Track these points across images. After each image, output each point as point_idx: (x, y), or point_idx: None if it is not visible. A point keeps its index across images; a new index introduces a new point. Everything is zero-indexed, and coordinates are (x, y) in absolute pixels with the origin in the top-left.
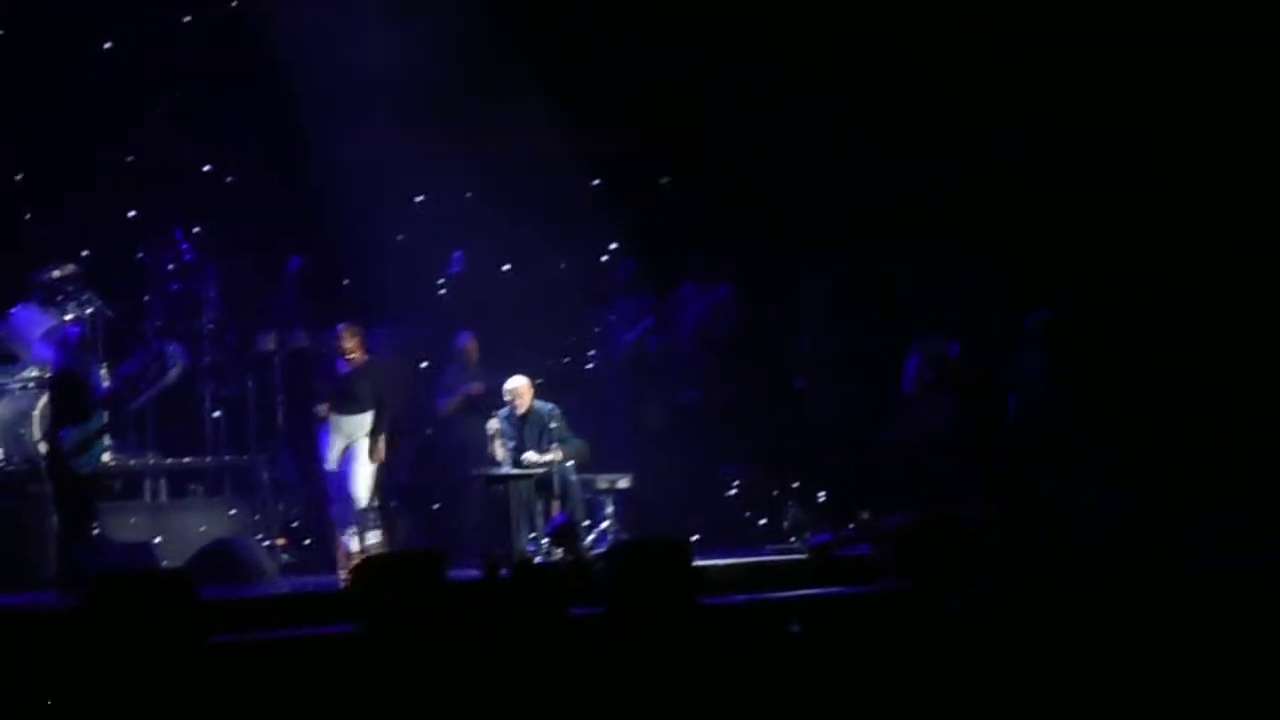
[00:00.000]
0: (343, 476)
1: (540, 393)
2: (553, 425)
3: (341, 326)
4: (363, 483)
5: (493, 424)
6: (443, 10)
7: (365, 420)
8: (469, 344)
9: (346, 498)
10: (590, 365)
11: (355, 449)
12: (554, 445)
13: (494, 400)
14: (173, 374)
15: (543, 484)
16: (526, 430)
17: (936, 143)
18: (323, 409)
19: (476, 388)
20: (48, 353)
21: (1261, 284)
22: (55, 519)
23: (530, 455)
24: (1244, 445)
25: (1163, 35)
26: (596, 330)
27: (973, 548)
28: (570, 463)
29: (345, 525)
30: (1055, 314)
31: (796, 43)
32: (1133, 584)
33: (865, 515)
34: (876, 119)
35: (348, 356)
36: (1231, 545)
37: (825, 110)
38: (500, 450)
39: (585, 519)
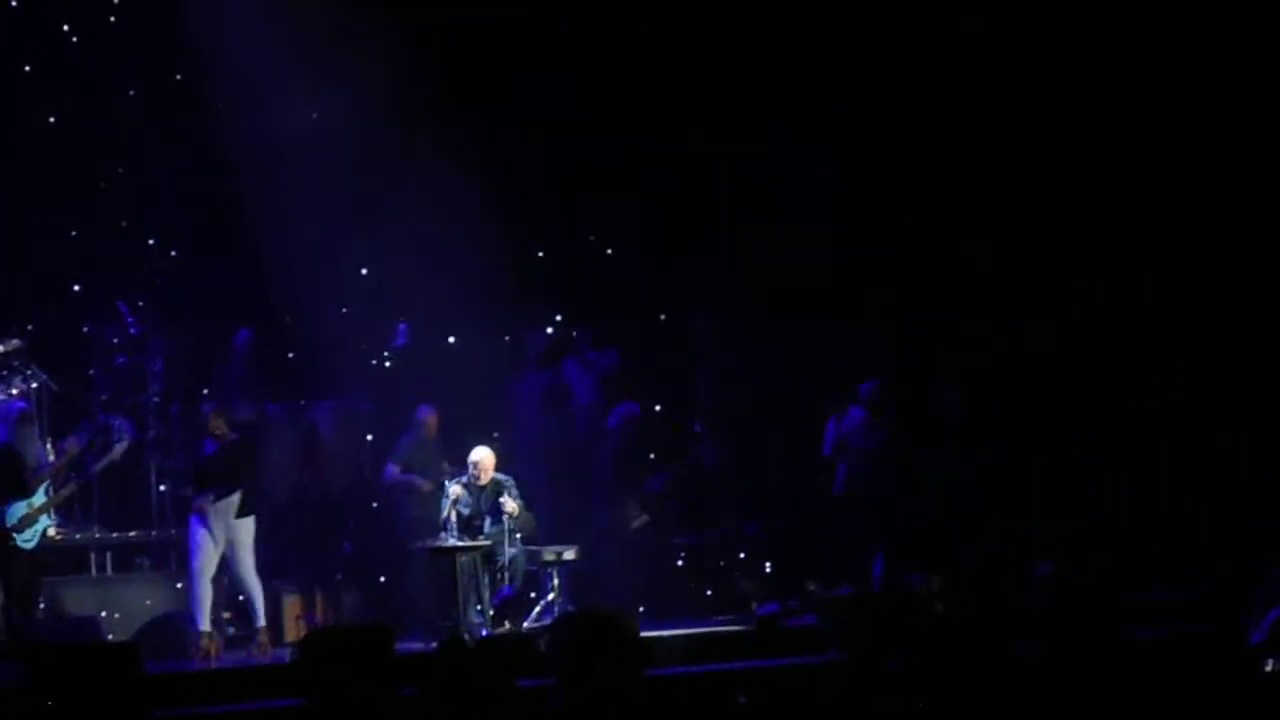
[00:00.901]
0: (228, 560)
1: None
2: (509, 497)
3: (209, 407)
4: (245, 565)
5: (455, 489)
6: (378, 85)
7: (235, 500)
8: (429, 416)
9: (235, 577)
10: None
11: (234, 529)
12: (512, 507)
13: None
14: (119, 449)
15: (489, 557)
16: (483, 500)
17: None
18: (195, 493)
19: (425, 486)
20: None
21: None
22: (0, 594)
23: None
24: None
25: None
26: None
27: (916, 618)
28: (518, 535)
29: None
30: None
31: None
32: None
33: (812, 586)
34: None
35: (215, 435)
36: (1158, 616)
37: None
38: (453, 515)
39: (531, 592)
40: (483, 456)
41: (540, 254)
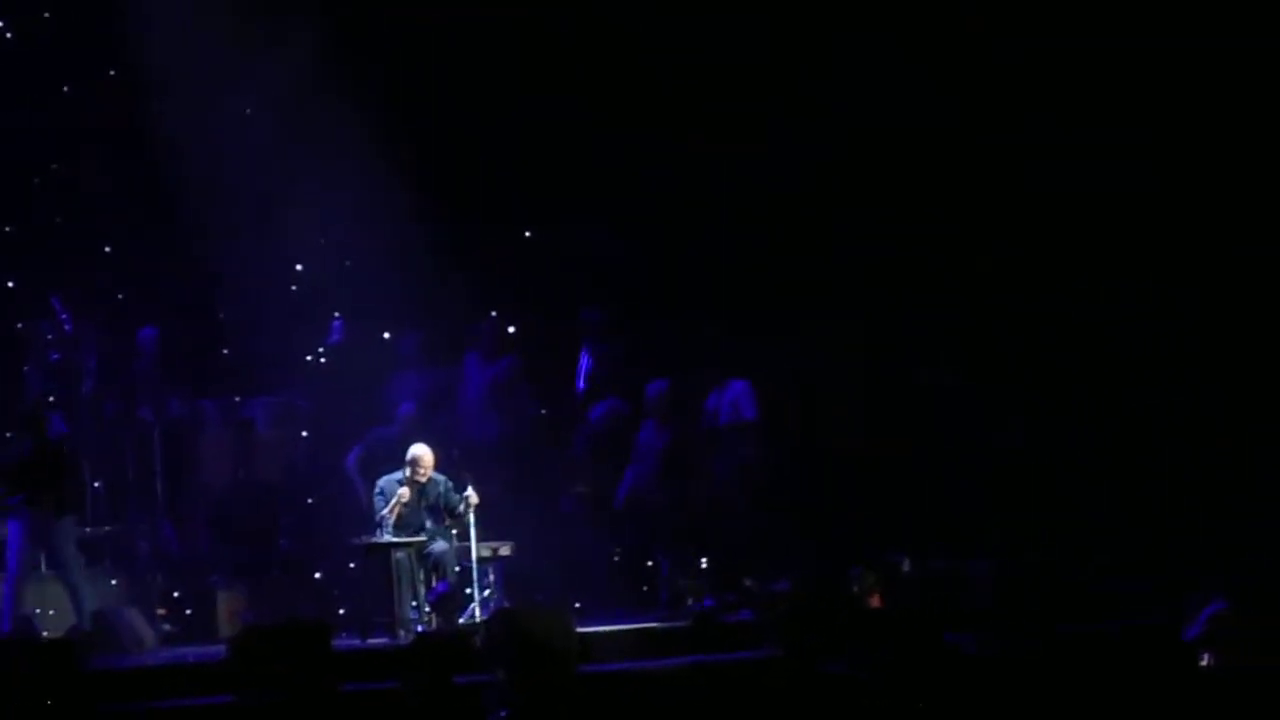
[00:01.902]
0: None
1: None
2: (448, 496)
3: (27, 405)
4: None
5: (404, 491)
6: (312, 77)
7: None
8: (413, 413)
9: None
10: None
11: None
12: (462, 501)
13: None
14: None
15: (423, 553)
16: (422, 499)
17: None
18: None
19: (403, 494)
20: None
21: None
22: None
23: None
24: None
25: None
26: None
27: (853, 615)
28: (453, 532)
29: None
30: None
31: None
32: (1014, 649)
33: (748, 582)
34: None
35: (35, 433)
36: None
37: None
38: (395, 515)
39: (466, 588)
40: (423, 454)
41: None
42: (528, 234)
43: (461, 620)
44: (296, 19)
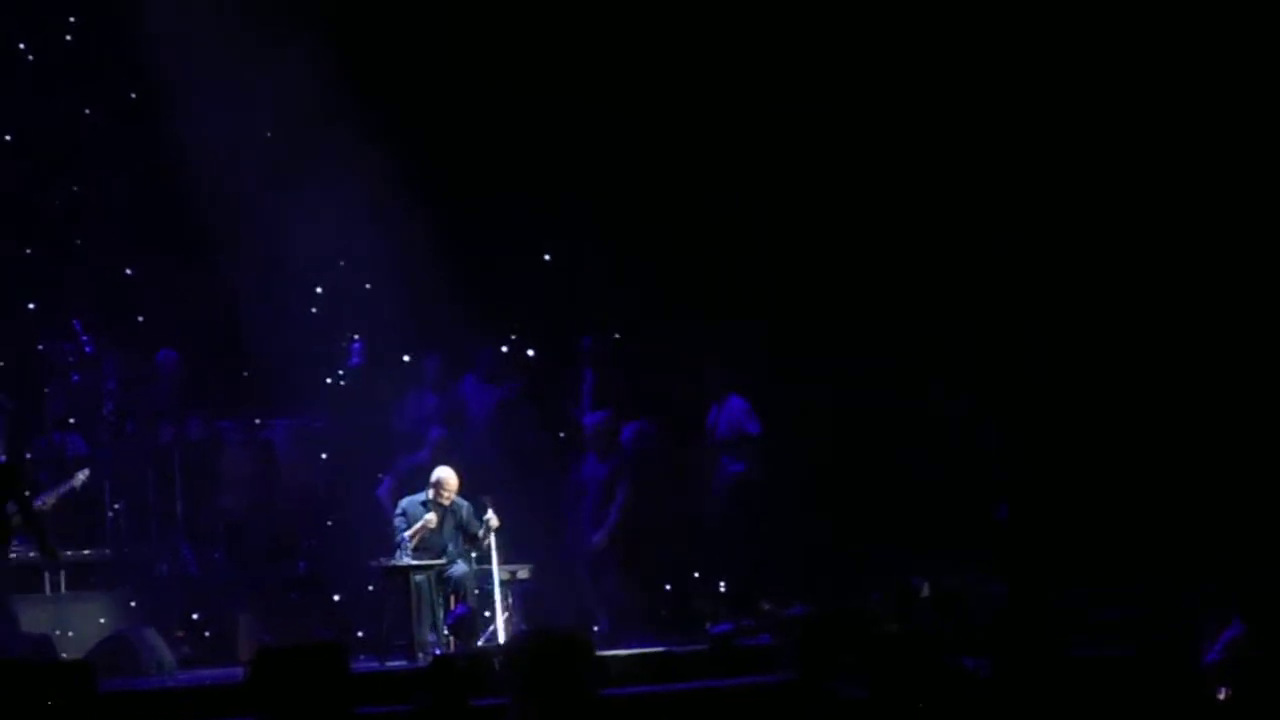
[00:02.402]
0: None
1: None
2: (470, 520)
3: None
4: None
5: (431, 517)
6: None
7: None
8: (444, 437)
9: None
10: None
11: None
12: (482, 525)
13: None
14: (80, 478)
15: (442, 576)
16: (445, 522)
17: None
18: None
19: (430, 520)
20: None
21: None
22: None
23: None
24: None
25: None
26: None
27: (869, 639)
28: (474, 555)
29: None
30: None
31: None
32: (1024, 671)
33: (766, 605)
34: None
35: None
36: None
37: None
38: (417, 539)
39: (485, 611)
40: (446, 476)
41: (491, 270)
42: (547, 257)
43: (481, 643)
44: (313, 40)
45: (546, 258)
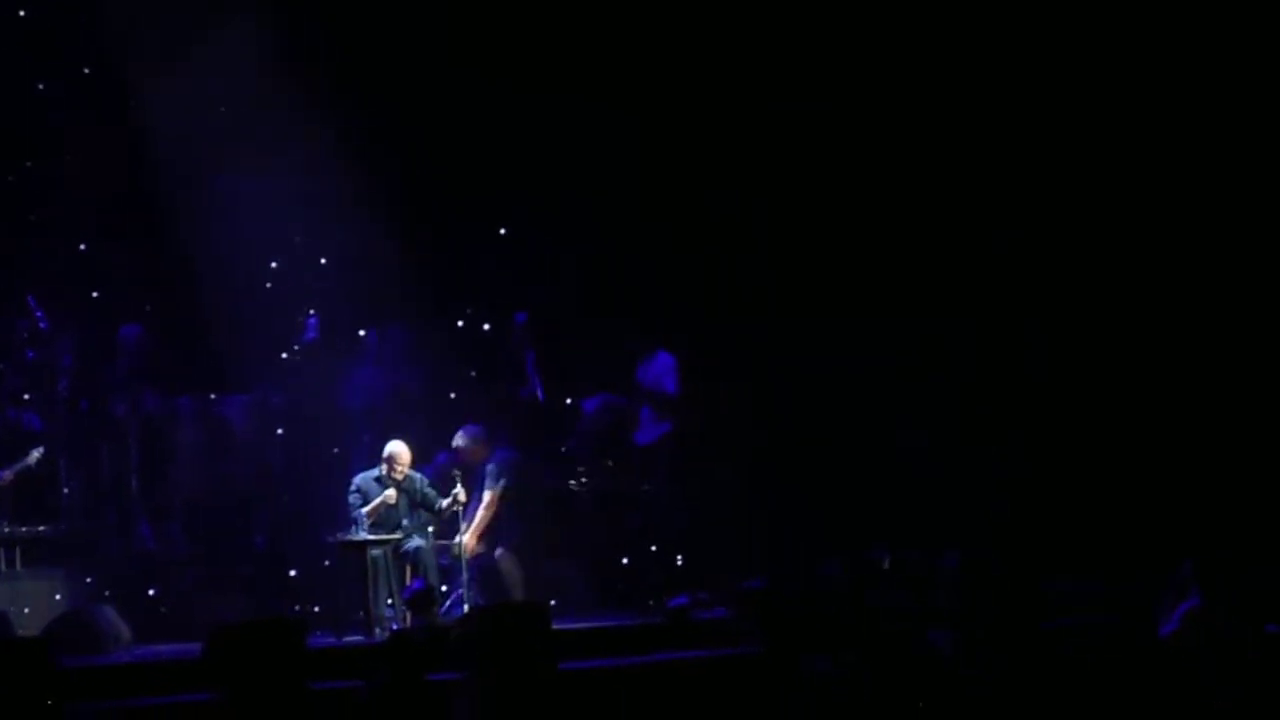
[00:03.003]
0: None
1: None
2: (425, 492)
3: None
4: None
5: (390, 494)
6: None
7: None
8: (467, 443)
9: None
10: None
11: None
12: (440, 499)
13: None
14: (34, 456)
15: (399, 550)
16: (400, 497)
17: None
18: None
19: (389, 496)
20: None
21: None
22: None
23: (444, 502)
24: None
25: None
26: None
27: (829, 611)
28: (430, 529)
29: None
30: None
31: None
32: (995, 644)
33: (722, 578)
34: None
35: None
36: (1075, 604)
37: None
38: (373, 516)
39: (442, 585)
40: (399, 450)
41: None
42: (502, 231)
43: (443, 616)
44: (272, 16)
45: (501, 231)
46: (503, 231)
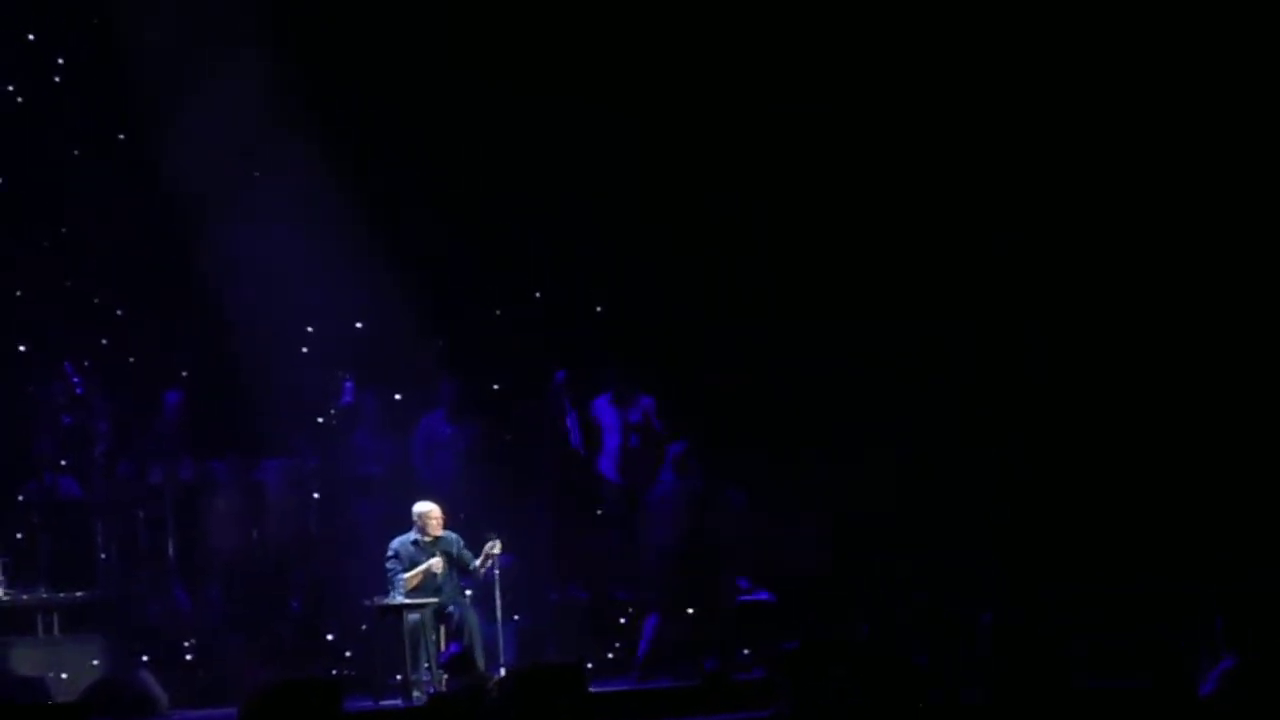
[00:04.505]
0: None
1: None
2: (461, 554)
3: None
4: None
5: (436, 561)
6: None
7: None
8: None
9: None
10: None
11: None
12: (479, 558)
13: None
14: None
15: (441, 614)
16: (431, 556)
17: None
18: None
19: (436, 564)
20: None
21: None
22: None
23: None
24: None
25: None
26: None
27: (863, 673)
28: (468, 592)
29: None
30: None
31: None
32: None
33: (757, 640)
34: None
35: None
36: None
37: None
38: (418, 579)
39: (481, 649)
40: (429, 509)
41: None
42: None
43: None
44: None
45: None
46: (538, 295)
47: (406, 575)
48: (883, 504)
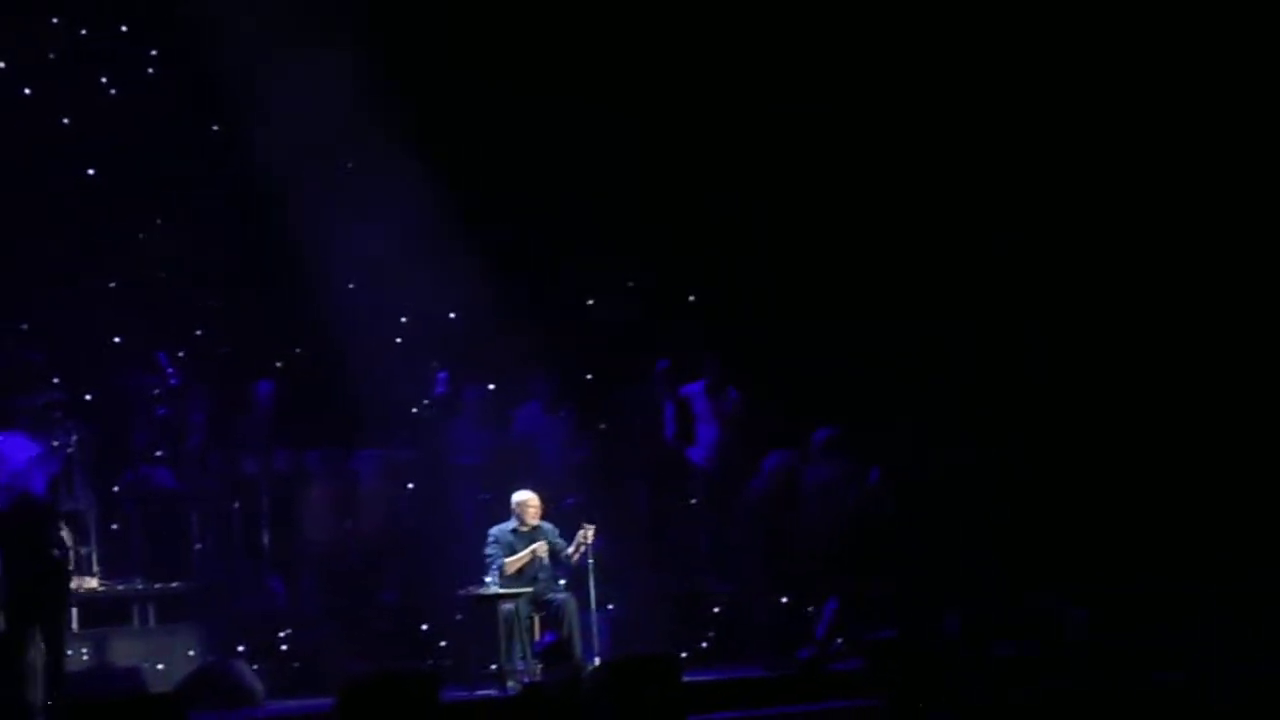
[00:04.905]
0: None
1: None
2: (556, 542)
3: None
4: None
5: (540, 546)
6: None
7: None
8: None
9: None
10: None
11: None
12: (570, 546)
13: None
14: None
15: (537, 602)
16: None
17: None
18: None
19: (540, 548)
20: (36, 482)
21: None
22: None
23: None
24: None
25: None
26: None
27: (952, 663)
28: (562, 581)
29: None
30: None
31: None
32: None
33: (852, 628)
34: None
35: None
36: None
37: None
38: (524, 560)
39: (579, 638)
40: (529, 497)
41: (590, 302)
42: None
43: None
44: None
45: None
46: (631, 284)
47: (509, 559)
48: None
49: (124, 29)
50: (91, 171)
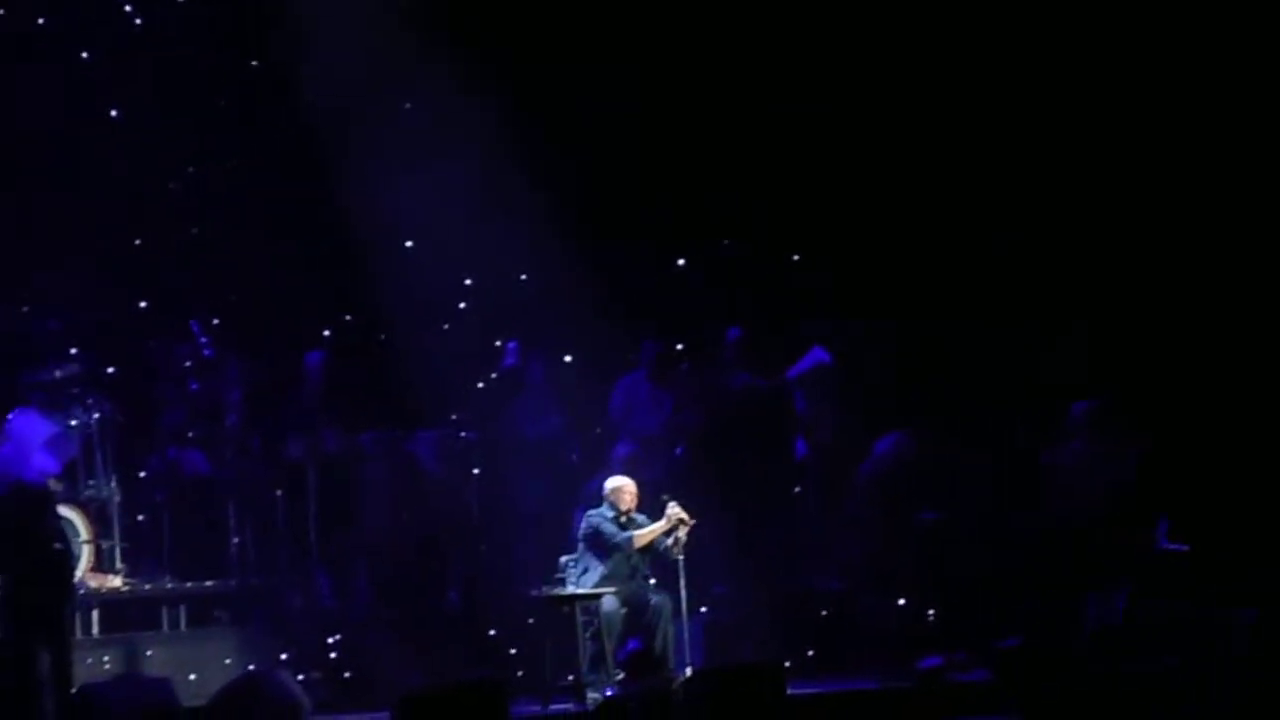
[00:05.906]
0: None
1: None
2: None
3: None
4: None
5: (676, 510)
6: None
7: None
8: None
9: None
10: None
11: None
12: (666, 542)
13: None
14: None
15: (628, 603)
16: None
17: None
18: None
19: (676, 512)
20: (51, 463)
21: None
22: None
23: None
24: None
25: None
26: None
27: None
28: (652, 580)
29: None
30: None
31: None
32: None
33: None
34: None
35: None
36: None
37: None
38: (660, 532)
39: (671, 645)
40: (623, 484)
41: (680, 261)
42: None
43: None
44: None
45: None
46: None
47: (639, 532)
48: None
49: None
50: (115, 113)
